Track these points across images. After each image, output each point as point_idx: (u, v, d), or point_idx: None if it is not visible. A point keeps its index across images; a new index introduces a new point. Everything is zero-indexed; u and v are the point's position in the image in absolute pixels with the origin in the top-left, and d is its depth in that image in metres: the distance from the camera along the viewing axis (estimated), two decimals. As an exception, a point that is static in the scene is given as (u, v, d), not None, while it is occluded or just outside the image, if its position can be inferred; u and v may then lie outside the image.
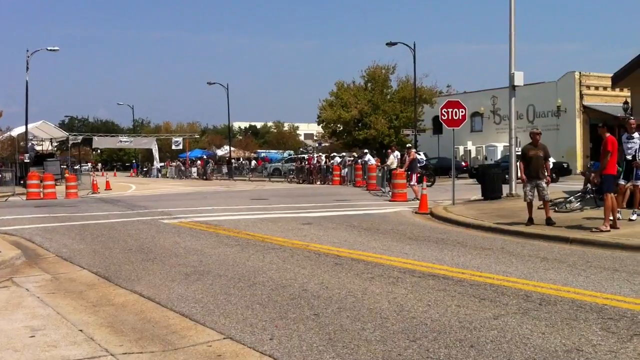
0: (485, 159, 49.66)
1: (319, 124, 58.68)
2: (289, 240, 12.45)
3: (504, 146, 46.16)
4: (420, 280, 8.27)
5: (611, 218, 12.43)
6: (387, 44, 43.52)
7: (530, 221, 13.71)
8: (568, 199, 16.72)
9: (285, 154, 68.99)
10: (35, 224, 16.26)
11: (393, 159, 27.34)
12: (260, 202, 23.39)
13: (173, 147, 72.82)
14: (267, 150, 79.91)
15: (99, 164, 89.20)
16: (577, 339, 5.65)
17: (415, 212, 18.17)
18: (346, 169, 38.77)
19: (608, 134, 12.58)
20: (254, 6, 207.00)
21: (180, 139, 72.70)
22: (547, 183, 14.14)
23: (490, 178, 21.39)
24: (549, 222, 13.58)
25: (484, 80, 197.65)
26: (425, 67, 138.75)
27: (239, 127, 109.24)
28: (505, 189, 21.61)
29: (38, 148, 62.72)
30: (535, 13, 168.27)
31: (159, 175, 67.21)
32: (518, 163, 14.45)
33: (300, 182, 43.10)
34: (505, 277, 8.43)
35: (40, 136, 60.21)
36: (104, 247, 12.01)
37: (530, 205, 13.95)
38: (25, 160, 42.31)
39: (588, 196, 16.81)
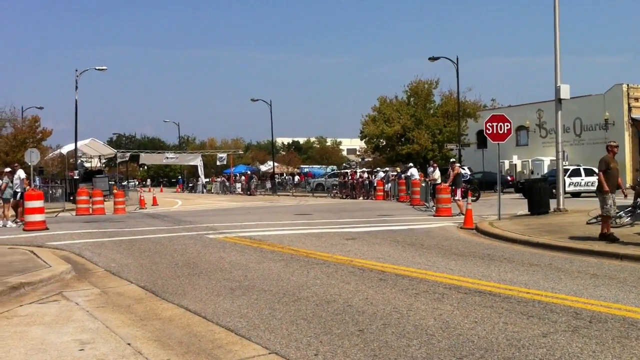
0: (532, 173, 48.96)
1: (361, 139, 58.72)
2: (332, 255, 12.44)
3: (551, 160, 45.47)
4: (467, 297, 8.18)
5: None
6: (429, 58, 43.47)
7: (604, 236, 13.23)
8: (618, 214, 16.31)
9: (328, 169, 69.14)
10: (84, 239, 16.61)
11: (438, 172, 27.18)
12: (304, 217, 23.45)
13: (218, 163, 73.78)
14: (310, 166, 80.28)
15: (148, 180, 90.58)
16: (628, 357, 5.51)
17: (460, 227, 17.99)
18: (389, 184, 38.65)
19: None
20: (296, 23, 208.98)
21: (224, 155, 73.58)
22: (626, 196, 13.93)
23: (537, 192, 21.05)
24: (609, 237, 13.18)
25: (529, 93, 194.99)
26: (468, 81, 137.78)
27: (282, 143, 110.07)
28: (552, 203, 21.26)
29: (87, 165, 64.19)
30: (581, 25, 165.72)
31: (204, 190, 68.07)
32: (599, 174, 13.57)
33: (344, 197, 43.12)
34: (554, 294, 8.27)
35: (89, 153, 61.65)
36: (151, 261, 12.19)
37: (608, 219, 13.49)
38: (75, 177, 43.32)
39: (638, 211, 16.40)
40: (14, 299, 8.72)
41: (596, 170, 14.21)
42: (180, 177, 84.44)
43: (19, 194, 21.77)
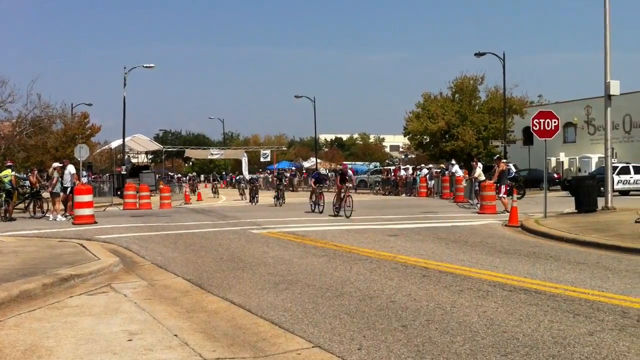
0: (579, 170, 48.06)
1: (405, 136, 58.36)
2: (375, 251, 12.45)
3: (599, 157, 44.55)
4: (511, 294, 8.10)
5: None
6: (475, 54, 42.91)
7: None
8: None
9: (371, 166, 68.99)
10: (131, 232, 16.93)
11: (480, 170, 26.93)
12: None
13: (261, 159, 74.23)
14: (353, 162, 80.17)
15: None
16: (679, 358, 5.40)
17: (505, 225, 17.77)
18: (433, 181, 38.38)
19: None
20: (340, 20, 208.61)
21: (268, 152, 73.99)
22: None
23: (584, 190, 20.66)
24: None
25: (577, 89, 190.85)
26: (515, 77, 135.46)
27: (325, 140, 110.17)
28: (600, 202, 20.84)
29: (134, 160, 65.36)
30: (632, 19, 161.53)
31: (248, 186, 68.46)
32: None
33: (386, 193, 42.98)
34: (601, 293, 8.14)
35: (136, 149, 62.71)
36: (196, 255, 12.38)
37: None
38: (122, 172, 44.14)
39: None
40: (64, 290, 8.96)
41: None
42: (224, 172, 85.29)
43: (68, 189, 22.31)
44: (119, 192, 36.92)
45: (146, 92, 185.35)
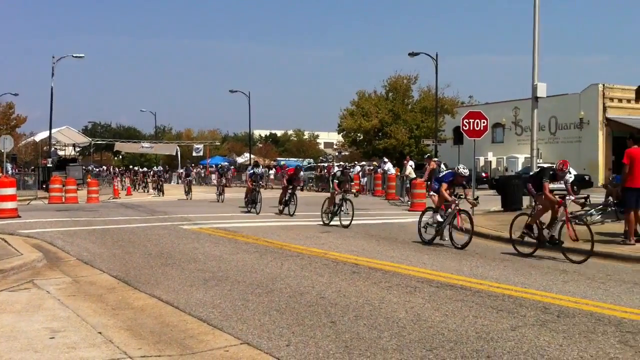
0: (506, 170, 49.40)
1: (339, 133, 58.81)
2: (307, 248, 12.48)
3: (525, 158, 45.90)
4: (438, 290, 8.26)
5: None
6: (409, 54, 43.48)
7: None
8: (589, 212, 16.56)
9: (305, 162, 69.16)
10: (56, 227, 16.44)
11: (410, 169, 27.34)
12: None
13: (194, 153, 73.43)
14: (287, 159, 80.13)
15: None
16: (594, 351, 5.62)
17: (434, 222, 18.06)
18: (365, 178, 38.74)
19: (635, 146, 12.38)
20: (276, 16, 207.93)
21: (201, 146, 73.33)
22: None
23: (510, 189, 21.30)
24: None
25: (506, 91, 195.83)
26: (447, 78, 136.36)
27: (260, 135, 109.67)
28: (525, 200, 21.48)
29: (61, 153, 63.52)
30: (560, 24, 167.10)
31: (179, 181, 67.57)
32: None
33: (319, 190, 43.16)
34: (524, 289, 8.40)
35: (64, 141, 61.00)
36: (124, 251, 12.12)
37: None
38: (48, 165, 42.84)
39: (609, 209, 16.65)
40: (-16, 286, 8.63)
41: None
42: (155, 167, 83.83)
43: (-10, 181, 21.45)
44: (44, 186, 35.78)
45: (75, 83, 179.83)
